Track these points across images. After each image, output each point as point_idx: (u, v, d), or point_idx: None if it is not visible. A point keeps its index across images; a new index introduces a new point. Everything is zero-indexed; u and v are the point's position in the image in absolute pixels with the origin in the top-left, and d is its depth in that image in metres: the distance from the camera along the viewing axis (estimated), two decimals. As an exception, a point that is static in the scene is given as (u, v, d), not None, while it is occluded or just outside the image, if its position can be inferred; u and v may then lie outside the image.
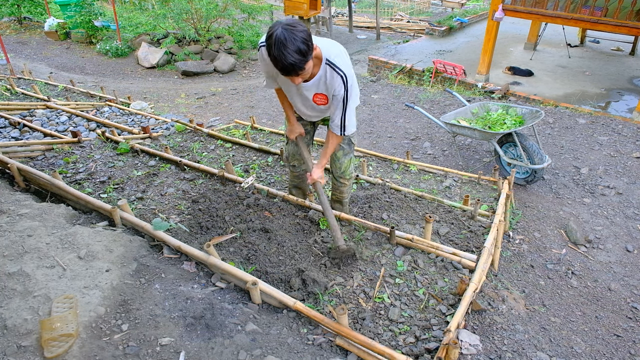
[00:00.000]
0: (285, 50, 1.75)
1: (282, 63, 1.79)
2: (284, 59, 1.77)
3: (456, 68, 7.53)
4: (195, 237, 2.60)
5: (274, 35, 1.76)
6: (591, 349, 2.33)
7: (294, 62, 1.78)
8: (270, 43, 1.78)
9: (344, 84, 2.13)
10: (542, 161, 3.86)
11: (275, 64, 1.83)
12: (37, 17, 14.05)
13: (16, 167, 2.98)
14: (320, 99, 2.25)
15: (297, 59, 1.78)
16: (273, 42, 1.76)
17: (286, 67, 1.80)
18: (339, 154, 2.63)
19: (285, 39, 1.74)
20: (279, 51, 1.76)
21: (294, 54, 1.76)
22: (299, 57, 1.78)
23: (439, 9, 17.81)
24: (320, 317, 1.94)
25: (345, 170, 2.70)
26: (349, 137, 2.60)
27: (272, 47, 1.77)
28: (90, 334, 1.71)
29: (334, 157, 2.66)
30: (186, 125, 4.68)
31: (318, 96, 2.24)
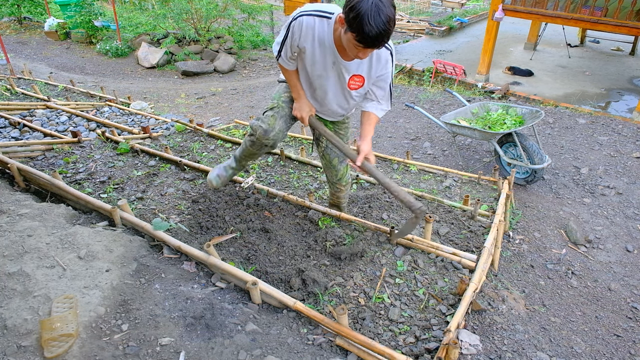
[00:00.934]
0: (381, 18, 1.59)
1: (377, 32, 1.61)
2: (380, 27, 1.60)
3: (456, 68, 7.53)
4: (195, 237, 2.60)
5: (367, 4, 1.59)
6: (591, 349, 2.33)
7: (388, 29, 1.63)
8: (360, 14, 1.59)
9: (392, 59, 2.02)
10: (542, 161, 3.86)
11: (360, 35, 1.64)
12: (37, 17, 14.06)
13: (16, 167, 2.98)
14: (356, 81, 2.08)
15: (391, 27, 1.64)
16: (367, 10, 1.58)
17: (380, 36, 1.63)
18: (334, 161, 2.54)
19: (381, 4, 1.59)
20: (375, 20, 1.59)
21: (389, 22, 1.62)
22: (392, 24, 1.64)
23: (439, 9, 17.81)
24: (320, 317, 1.94)
25: (342, 177, 2.65)
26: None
27: (365, 16, 1.59)
28: (90, 334, 1.71)
29: (329, 164, 2.56)
30: (186, 125, 4.68)
31: (355, 78, 2.07)
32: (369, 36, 1.63)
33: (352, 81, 2.08)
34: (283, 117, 2.31)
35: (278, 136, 2.30)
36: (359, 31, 1.63)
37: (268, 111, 2.31)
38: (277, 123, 2.28)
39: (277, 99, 2.34)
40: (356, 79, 2.08)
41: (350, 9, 1.63)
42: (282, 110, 2.31)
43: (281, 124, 2.30)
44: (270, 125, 2.26)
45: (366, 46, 1.69)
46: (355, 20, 1.62)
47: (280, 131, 2.30)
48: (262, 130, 2.26)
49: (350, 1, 1.64)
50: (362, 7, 1.59)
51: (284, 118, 2.32)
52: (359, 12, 1.60)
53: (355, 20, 1.62)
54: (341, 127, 2.49)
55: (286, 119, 2.34)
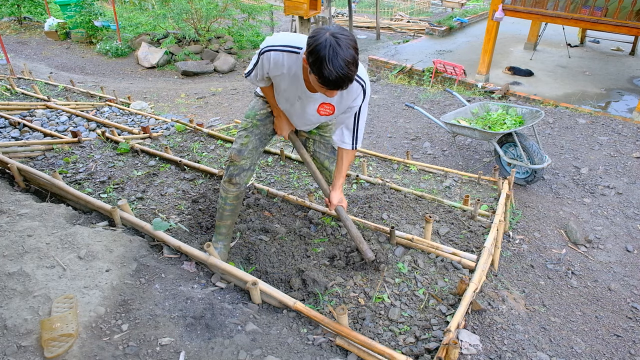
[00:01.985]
0: (339, 62, 1.56)
1: (336, 76, 1.58)
2: (339, 71, 1.57)
3: (456, 68, 7.53)
4: (195, 237, 2.60)
5: (326, 46, 1.55)
6: (591, 349, 2.33)
7: (349, 73, 1.59)
8: (319, 56, 1.56)
9: (364, 94, 1.97)
10: (542, 161, 3.86)
11: (326, 77, 1.59)
12: (37, 17, 14.06)
13: (16, 167, 2.98)
14: (325, 109, 2.04)
15: (352, 70, 1.60)
16: (325, 53, 1.55)
17: (339, 80, 1.59)
18: (325, 163, 2.50)
19: (340, 47, 1.56)
20: (333, 63, 1.55)
21: (350, 65, 1.58)
22: (353, 68, 1.60)
23: (439, 9, 17.81)
24: (320, 317, 1.94)
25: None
26: (331, 145, 2.46)
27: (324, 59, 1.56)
28: (90, 334, 1.71)
29: (322, 167, 2.52)
30: (186, 125, 4.68)
31: (324, 106, 2.03)
32: (329, 80, 1.60)
33: (322, 108, 2.05)
34: (257, 136, 2.30)
35: (252, 154, 2.29)
36: (320, 75, 1.61)
37: (241, 131, 2.31)
38: (251, 141, 2.28)
39: (252, 117, 2.30)
40: (326, 107, 2.04)
41: (310, 53, 1.61)
42: (256, 129, 2.29)
43: (255, 141, 2.29)
44: (243, 145, 2.27)
45: (329, 88, 1.66)
46: (315, 64, 1.59)
47: (254, 149, 2.30)
48: (235, 151, 2.27)
49: (310, 44, 1.60)
50: (320, 51, 1.56)
51: (258, 136, 2.31)
52: (318, 57, 1.57)
53: (315, 64, 1.59)
54: (326, 130, 2.45)
55: (261, 137, 2.32)
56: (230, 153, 2.30)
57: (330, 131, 2.47)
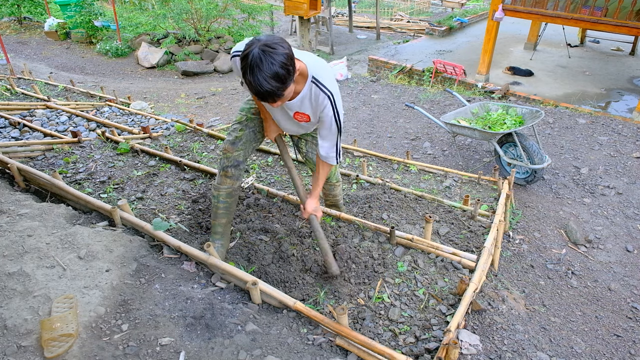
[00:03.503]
0: (260, 76, 1.53)
1: (257, 89, 1.57)
2: (259, 86, 1.55)
3: (456, 68, 7.53)
4: (195, 237, 2.60)
5: (249, 57, 1.53)
6: (591, 349, 2.33)
7: (271, 89, 1.57)
8: (244, 65, 1.55)
9: (332, 103, 1.93)
10: (542, 161, 3.86)
11: (249, 88, 1.60)
12: (37, 17, 14.06)
13: (16, 167, 2.98)
14: (301, 117, 2.04)
15: (275, 86, 1.56)
16: (248, 65, 1.54)
17: (261, 94, 1.59)
18: None
19: (262, 61, 1.52)
20: (254, 76, 1.54)
21: (271, 80, 1.55)
22: (276, 84, 1.56)
23: (439, 9, 17.81)
24: (320, 317, 1.94)
25: (332, 176, 2.63)
26: None
27: (246, 70, 1.55)
28: (90, 334, 1.71)
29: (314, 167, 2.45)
30: (186, 125, 4.68)
31: (299, 114, 2.03)
32: (253, 92, 1.60)
33: (298, 116, 2.05)
34: (252, 129, 2.29)
35: (246, 146, 2.29)
36: (247, 83, 1.58)
37: (236, 124, 2.30)
38: (245, 134, 2.27)
39: (247, 111, 2.31)
40: (301, 115, 2.04)
41: (242, 58, 1.57)
42: (250, 122, 2.29)
43: (249, 134, 2.28)
44: (237, 138, 2.26)
45: (260, 99, 1.64)
46: (244, 75, 1.57)
47: (248, 142, 2.29)
48: (229, 143, 2.26)
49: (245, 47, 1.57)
50: (246, 63, 1.54)
51: (253, 129, 2.30)
52: (244, 68, 1.55)
53: (244, 75, 1.57)
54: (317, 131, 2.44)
55: (255, 130, 2.31)
56: (224, 145, 2.29)
57: None
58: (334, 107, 1.95)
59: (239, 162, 2.30)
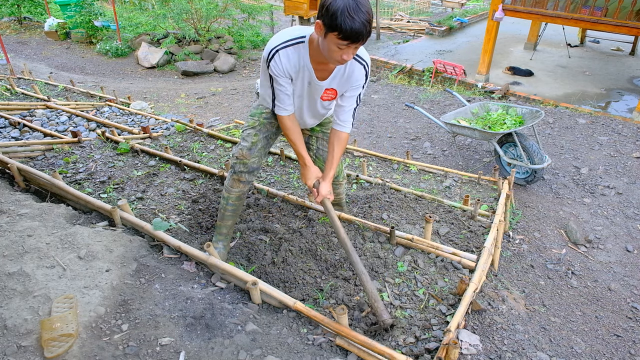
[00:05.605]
0: (359, 12, 1.62)
1: (359, 23, 1.63)
2: (357, 21, 1.62)
3: (456, 68, 7.53)
4: (195, 237, 2.60)
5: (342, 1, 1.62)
6: (591, 349, 2.33)
7: (367, 22, 1.65)
8: (338, 8, 1.61)
9: (366, 73, 2.01)
10: (542, 161, 3.86)
11: (342, 32, 1.64)
12: (37, 17, 14.07)
13: (16, 167, 2.98)
14: (328, 94, 2.09)
15: (369, 20, 1.66)
16: (343, 5, 1.61)
17: (360, 30, 1.64)
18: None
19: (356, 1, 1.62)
20: (354, 12, 1.61)
21: (367, 13, 1.64)
22: (370, 17, 1.66)
23: (439, 9, 17.81)
24: (320, 317, 1.94)
25: (339, 174, 2.65)
26: None
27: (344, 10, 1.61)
28: (90, 334, 1.71)
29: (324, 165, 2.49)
30: (186, 125, 4.68)
31: (327, 92, 2.07)
32: (352, 29, 1.63)
33: (325, 94, 2.08)
34: (265, 134, 2.29)
35: (261, 152, 2.30)
36: (342, 28, 1.63)
37: (249, 130, 2.29)
38: (260, 140, 2.27)
39: (259, 115, 2.29)
40: (329, 92, 2.08)
41: (326, 9, 1.65)
42: (263, 127, 2.28)
43: (263, 140, 2.29)
44: (253, 144, 2.26)
45: (351, 41, 1.68)
46: (335, 17, 1.63)
47: (262, 147, 2.30)
48: (246, 149, 2.25)
49: (325, 2, 1.66)
50: (339, 3, 1.62)
51: (266, 134, 2.30)
52: (337, 9, 1.62)
53: (335, 17, 1.63)
54: (327, 127, 2.46)
55: (268, 135, 2.31)
56: (239, 151, 2.27)
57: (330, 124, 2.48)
58: (366, 76, 2.02)
59: (254, 168, 2.31)
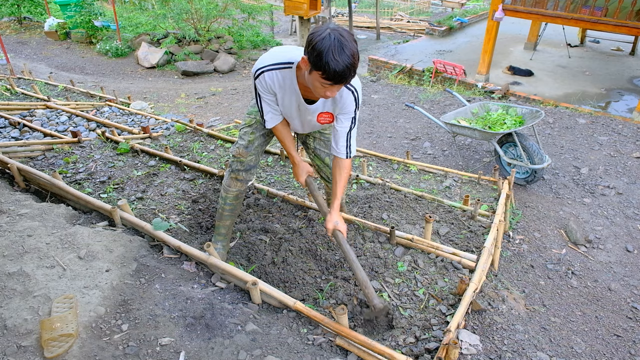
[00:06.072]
0: (346, 51, 1.60)
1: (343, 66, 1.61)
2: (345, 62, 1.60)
3: (456, 68, 7.53)
4: (195, 237, 2.60)
5: (329, 39, 1.59)
6: (591, 349, 2.33)
7: (352, 66, 1.63)
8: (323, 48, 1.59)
9: (355, 101, 1.98)
10: (542, 161, 3.86)
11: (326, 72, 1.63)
12: (37, 17, 14.07)
13: (16, 167, 2.98)
14: (325, 117, 2.07)
15: (355, 61, 1.64)
16: (331, 45, 1.58)
17: (342, 73, 1.62)
18: (326, 160, 2.47)
19: (345, 38, 1.61)
20: (339, 54, 1.59)
21: (352, 56, 1.62)
22: (355, 60, 1.64)
23: (439, 9, 17.82)
24: (320, 317, 1.94)
25: None
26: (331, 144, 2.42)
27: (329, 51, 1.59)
28: (90, 334, 1.71)
29: (322, 163, 2.49)
30: (186, 125, 4.68)
31: (323, 115, 2.06)
32: (335, 72, 1.61)
33: (321, 117, 2.07)
34: (262, 132, 2.30)
35: (258, 151, 2.31)
36: (325, 69, 1.61)
37: (246, 128, 2.30)
38: (256, 138, 2.29)
39: (255, 114, 2.29)
40: (325, 115, 2.06)
41: (312, 48, 1.62)
42: (260, 125, 2.29)
43: (260, 138, 2.30)
44: (250, 142, 2.28)
45: (334, 82, 1.67)
46: (320, 58, 1.60)
47: (259, 146, 2.31)
48: (242, 147, 2.27)
49: (312, 40, 1.63)
50: (325, 44, 1.59)
51: (262, 132, 2.30)
52: (322, 49, 1.59)
53: (320, 58, 1.60)
54: (326, 128, 2.45)
55: (264, 134, 2.32)
56: (236, 150, 2.29)
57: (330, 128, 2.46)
58: (356, 103, 1.99)
59: (251, 166, 2.32)
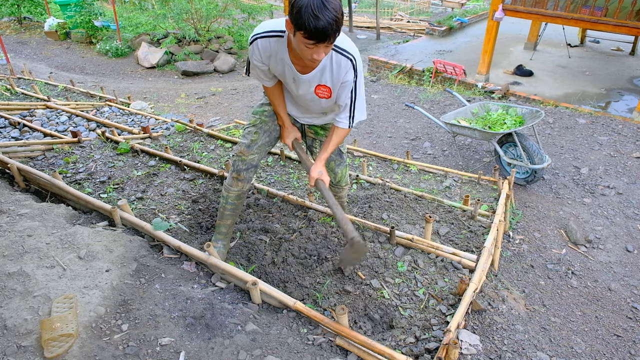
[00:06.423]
0: (324, 10, 1.54)
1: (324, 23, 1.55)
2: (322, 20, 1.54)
3: (456, 68, 7.53)
4: (195, 237, 2.60)
5: None
6: (591, 349, 2.33)
7: (334, 22, 1.57)
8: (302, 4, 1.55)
9: (354, 68, 1.92)
10: (542, 161, 3.86)
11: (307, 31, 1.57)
12: (37, 17, 14.07)
13: (16, 167, 2.98)
14: (323, 91, 2.00)
15: (337, 19, 1.58)
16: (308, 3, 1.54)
17: (324, 30, 1.57)
18: (331, 164, 2.46)
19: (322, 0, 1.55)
20: (318, 11, 1.54)
21: (334, 11, 1.56)
22: (338, 15, 1.58)
23: (439, 9, 17.82)
24: (320, 317, 1.94)
25: (341, 179, 2.60)
26: (338, 148, 2.42)
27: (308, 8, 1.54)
28: (90, 334, 1.71)
29: (328, 168, 2.46)
30: (186, 125, 4.68)
31: (321, 88, 1.99)
32: (316, 29, 1.56)
33: (319, 90, 2.01)
34: (266, 132, 2.28)
35: (261, 150, 2.29)
36: (306, 26, 1.57)
37: (250, 127, 2.28)
38: (260, 137, 2.27)
39: (260, 114, 2.29)
40: (322, 89, 2.00)
41: (292, 6, 1.59)
42: (264, 125, 2.27)
43: (264, 138, 2.28)
44: (253, 141, 2.25)
45: (317, 41, 1.62)
46: (300, 14, 1.56)
47: (262, 145, 2.29)
48: (244, 146, 2.25)
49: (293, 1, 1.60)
50: (304, 1, 1.55)
51: (267, 132, 2.28)
52: (301, 6, 1.55)
53: (300, 14, 1.56)
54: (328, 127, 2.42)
55: (269, 133, 2.30)
56: (239, 148, 2.27)
57: None
58: (355, 70, 1.93)
59: (254, 165, 2.29)
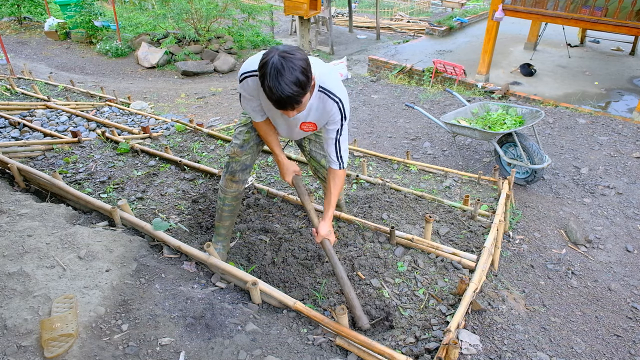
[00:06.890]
0: (282, 81, 1.52)
1: (278, 95, 1.54)
2: (281, 91, 1.53)
3: (456, 68, 7.53)
4: (195, 237, 2.60)
5: (269, 63, 1.53)
6: (591, 349, 2.33)
7: (292, 94, 1.55)
8: (264, 72, 1.54)
9: (341, 111, 1.91)
10: (542, 161, 3.86)
11: (269, 96, 1.58)
12: (37, 17, 14.06)
13: (16, 167, 2.98)
14: (308, 126, 2.02)
15: (296, 91, 1.55)
16: (268, 71, 1.53)
17: (282, 100, 1.56)
18: (322, 161, 2.43)
19: (283, 67, 1.52)
20: (275, 81, 1.52)
21: (292, 85, 1.54)
22: (297, 89, 1.55)
23: (439, 9, 17.82)
24: (320, 317, 1.94)
25: None
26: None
27: (266, 77, 1.54)
28: (90, 334, 1.71)
29: (318, 165, 2.44)
30: (186, 125, 4.68)
31: (306, 124, 2.00)
32: (272, 100, 1.57)
33: (305, 126, 2.02)
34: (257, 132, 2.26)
35: (253, 150, 2.28)
36: (268, 95, 1.57)
37: (241, 127, 2.27)
38: (252, 137, 2.26)
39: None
40: (308, 125, 2.01)
41: (261, 66, 1.57)
42: None
43: (255, 137, 2.26)
44: (245, 141, 2.25)
45: (276, 106, 1.62)
46: (263, 83, 1.56)
47: (255, 145, 2.28)
48: (237, 147, 2.24)
49: (260, 63, 1.57)
50: (266, 71, 1.54)
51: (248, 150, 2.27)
52: (263, 76, 1.55)
53: (263, 83, 1.56)
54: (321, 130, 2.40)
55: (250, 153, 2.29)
56: (231, 149, 2.26)
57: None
58: (342, 113, 1.93)
59: (247, 165, 2.29)
